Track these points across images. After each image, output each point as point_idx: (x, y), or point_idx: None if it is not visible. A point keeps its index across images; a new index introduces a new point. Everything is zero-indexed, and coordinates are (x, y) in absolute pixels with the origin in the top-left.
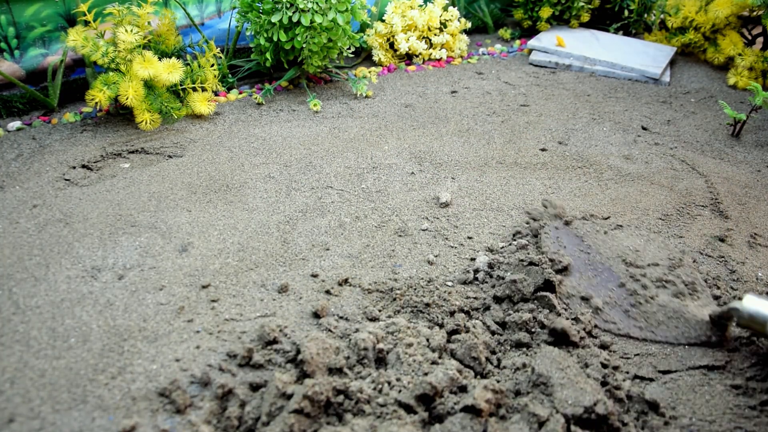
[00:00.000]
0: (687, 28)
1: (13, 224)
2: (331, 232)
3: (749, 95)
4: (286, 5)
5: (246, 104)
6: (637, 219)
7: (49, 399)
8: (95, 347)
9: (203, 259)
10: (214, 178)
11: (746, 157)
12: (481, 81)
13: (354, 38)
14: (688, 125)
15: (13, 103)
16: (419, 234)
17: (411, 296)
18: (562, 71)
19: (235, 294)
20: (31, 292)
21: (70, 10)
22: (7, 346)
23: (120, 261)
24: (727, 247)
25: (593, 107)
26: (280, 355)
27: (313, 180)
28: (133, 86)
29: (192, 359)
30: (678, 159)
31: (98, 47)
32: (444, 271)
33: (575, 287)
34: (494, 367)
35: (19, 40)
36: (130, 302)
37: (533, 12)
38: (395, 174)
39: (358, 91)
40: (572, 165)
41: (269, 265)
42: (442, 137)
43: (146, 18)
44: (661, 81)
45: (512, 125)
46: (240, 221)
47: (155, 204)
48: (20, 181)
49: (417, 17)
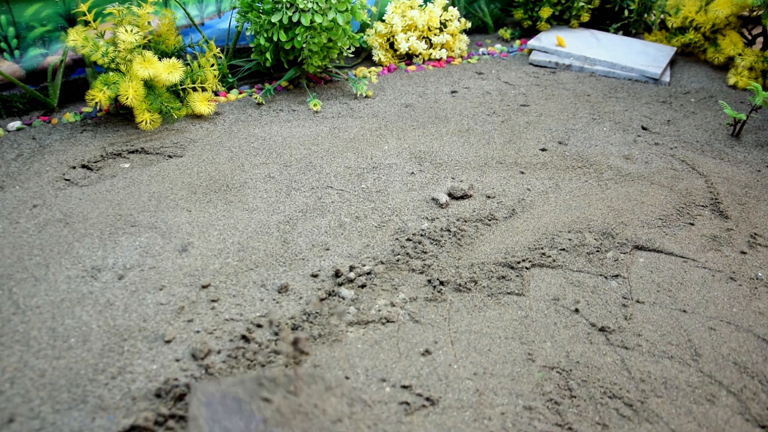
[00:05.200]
0: (687, 28)
1: (13, 224)
2: (331, 232)
3: (749, 95)
4: (286, 5)
5: (246, 104)
6: (636, 219)
7: (49, 399)
8: (95, 347)
9: (203, 259)
10: (214, 178)
11: (746, 157)
12: (481, 81)
13: (354, 38)
14: (688, 125)
15: (13, 103)
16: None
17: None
18: (562, 71)
19: (235, 294)
20: (31, 292)
21: (70, 10)
22: (7, 346)
23: (120, 261)
24: (727, 247)
25: (593, 107)
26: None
27: (313, 180)
28: (133, 86)
29: (192, 359)
30: (678, 159)
31: (98, 47)
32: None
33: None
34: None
35: (19, 40)
36: (130, 302)
37: (533, 12)
38: (395, 174)
39: (358, 91)
40: (572, 165)
41: (269, 265)
42: (442, 137)
43: (146, 18)
44: (661, 81)
45: (512, 125)
46: (240, 221)
47: (155, 204)
48: (20, 181)
49: (417, 17)
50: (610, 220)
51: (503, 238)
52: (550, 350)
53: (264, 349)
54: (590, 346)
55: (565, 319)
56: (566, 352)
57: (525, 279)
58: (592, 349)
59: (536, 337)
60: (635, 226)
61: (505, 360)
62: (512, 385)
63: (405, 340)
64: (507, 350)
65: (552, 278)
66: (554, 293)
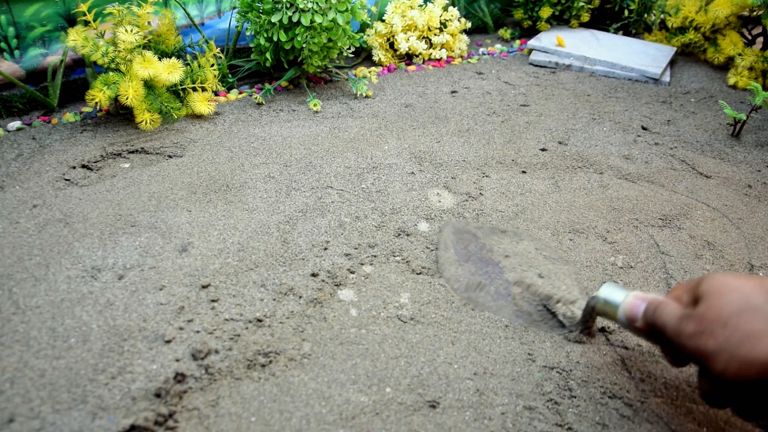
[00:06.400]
0: (687, 28)
1: (13, 224)
2: (331, 232)
3: (749, 95)
4: (286, 5)
5: (246, 104)
6: (636, 219)
7: (49, 399)
8: (95, 347)
9: (203, 259)
10: (214, 178)
11: (746, 157)
12: (481, 81)
13: (354, 38)
14: (688, 125)
15: (13, 103)
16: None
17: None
18: (562, 71)
19: (235, 294)
20: (31, 292)
21: (70, 10)
22: (7, 346)
23: (120, 261)
24: (727, 247)
25: (593, 107)
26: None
27: (313, 180)
28: (133, 86)
29: (192, 359)
30: (678, 159)
31: (98, 47)
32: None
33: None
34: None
35: (19, 40)
36: (130, 302)
37: (533, 12)
38: (395, 174)
39: (358, 91)
40: (572, 165)
41: (269, 265)
42: (442, 137)
43: (146, 18)
44: (661, 81)
45: (512, 125)
46: (240, 221)
47: (155, 204)
48: (20, 181)
49: (417, 17)
50: (610, 219)
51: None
52: (550, 350)
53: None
54: (590, 345)
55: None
56: (566, 352)
57: None
58: (592, 349)
59: (536, 337)
60: (635, 225)
61: (505, 360)
62: (512, 385)
63: (405, 339)
64: (507, 350)
65: None
66: None
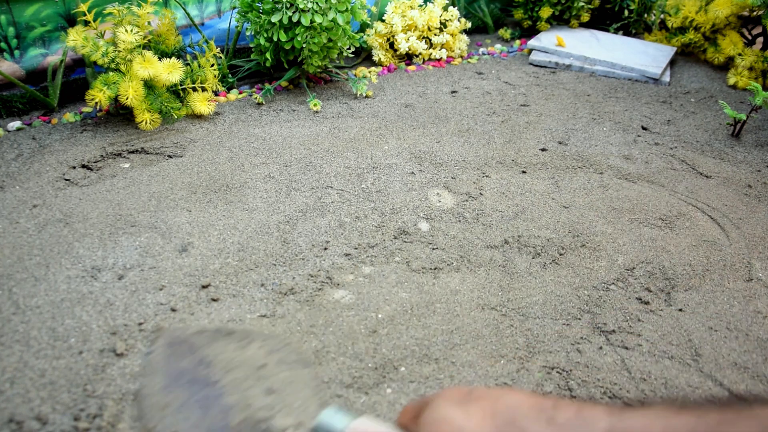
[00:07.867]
0: (687, 28)
1: (13, 224)
2: (331, 232)
3: (749, 95)
4: (286, 5)
5: (246, 104)
6: (636, 218)
7: (49, 399)
8: (95, 347)
9: (203, 259)
10: (214, 178)
11: (746, 157)
12: (481, 81)
13: (354, 38)
14: (688, 125)
15: (13, 103)
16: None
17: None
18: (562, 71)
19: (235, 294)
20: (31, 292)
21: (70, 10)
22: (7, 346)
23: (120, 261)
24: (727, 247)
25: (593, 107)
26: None
27: (313, 180)
28: (133, 86)
29: None
30: (678, 159)
31: (98, 47)
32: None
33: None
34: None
35: (19, 40)
36: (130, 302)
37: (533, 12)
38: (395, 174)
39: (358, 91)
40: (572, 165)
41: (269, 265)
42: (442, 137)
43: (146, 18)
44: (661, 81)
45: (512, 125)
46: (240, 221)
47: (155, 204)
48: (20, 181)
49: (417, 17)
50: (610, 219)
51: (504, 238)
52: (550, 350)
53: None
54: (590, 346)
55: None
56: (566, 352)
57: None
58: (592, 349)
59: (536, 337)
60: (635, 225)
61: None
62: (512, 385)
63: (406, 339)
64: (507, 350)
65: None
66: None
